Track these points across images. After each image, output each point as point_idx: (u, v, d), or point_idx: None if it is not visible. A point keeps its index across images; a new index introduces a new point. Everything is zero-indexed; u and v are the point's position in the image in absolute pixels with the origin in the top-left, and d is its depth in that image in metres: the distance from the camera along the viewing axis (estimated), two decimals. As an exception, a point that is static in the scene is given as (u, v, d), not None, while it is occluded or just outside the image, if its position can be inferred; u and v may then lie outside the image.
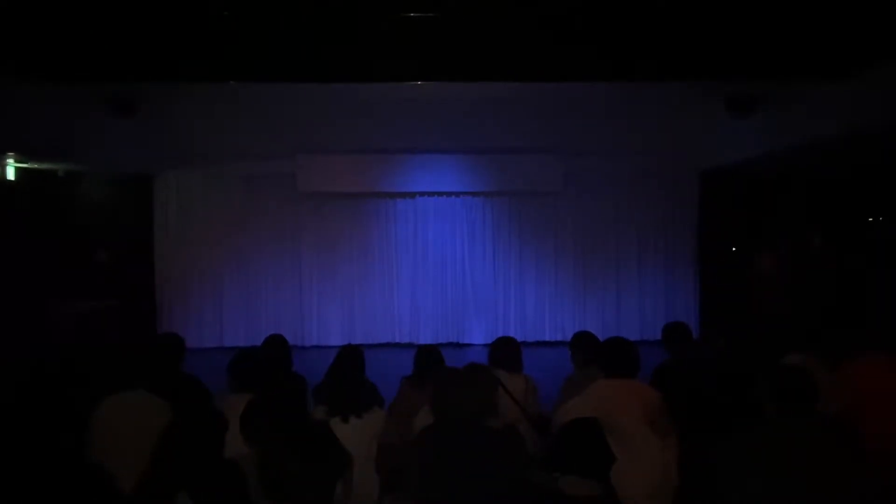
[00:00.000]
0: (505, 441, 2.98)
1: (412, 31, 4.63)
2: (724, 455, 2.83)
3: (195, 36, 4.72)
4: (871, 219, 8.94)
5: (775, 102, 6.36)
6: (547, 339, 10.62)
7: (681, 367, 4.50)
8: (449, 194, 10.48)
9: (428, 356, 4.50)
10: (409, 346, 9.78)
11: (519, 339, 10.07)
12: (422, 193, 10.45)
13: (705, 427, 3.58)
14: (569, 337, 9.51)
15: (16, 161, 8.64)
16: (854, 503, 2.58)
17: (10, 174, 8.76)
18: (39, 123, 6.99)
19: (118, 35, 4.66)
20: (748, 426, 2.93)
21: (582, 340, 4.80)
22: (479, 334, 10.53)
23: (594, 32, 4.81)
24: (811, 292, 9.13)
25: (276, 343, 4.77)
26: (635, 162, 10.13)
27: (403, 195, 10.46)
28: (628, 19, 4.65)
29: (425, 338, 10.22)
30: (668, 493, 3.47)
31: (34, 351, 6.76)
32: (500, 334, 9.77)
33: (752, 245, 10.24)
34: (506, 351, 4.56)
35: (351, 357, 4.20)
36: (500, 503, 2.82)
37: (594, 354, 4.30)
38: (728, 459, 2.81)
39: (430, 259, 10.63)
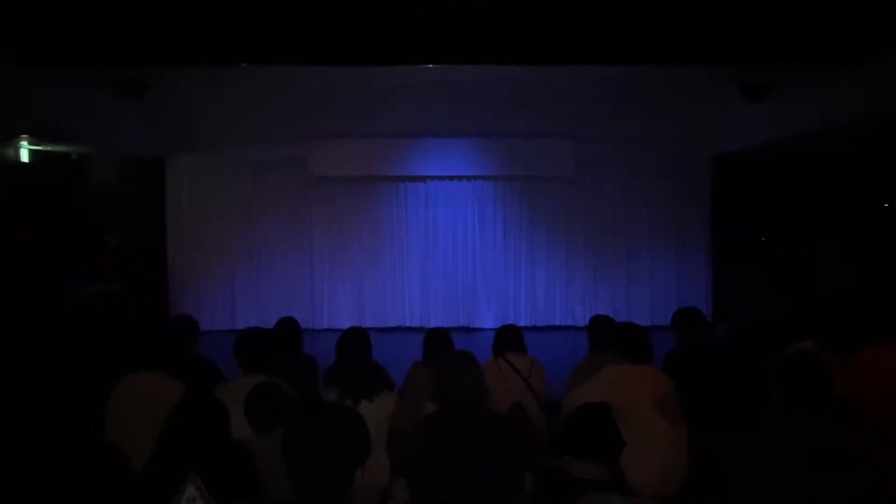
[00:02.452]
0: (511, 424, 2.98)
1: (423, 13, 4.61)
2: (734, 444, 2.82)
3: (206, 19, 4.71)
4: (886, 205, 8.85)
5: (789, 86, 6.29)
6: (557, 323, 10.62)
7: (691, 354, 4.49)
8: (460, 178, 10.45)
9: (437, 340, 4.52)
10: (420, 329, 9.80)
11: (529, 323, 10.28)
12: (433, 177, 10.43)
13: (715, 413, 3.58)
14: (579, 322, 9.57)
15: (29, 144, 8.69)
16: (865, 492, 2.58)
17: (24, 156, 8.81)
18: (52, 107, 7.02)
19: (129, 18, 4.66)
20: (758, 414, 2.92)
21: (599, 324, 4.80)
22: (489, 318, 10.53)
23: (607, 15, 4.76)
24: (825, 279, 9.06)
25: (288, 325, 4.79)
26: (647, 147, 10.07)
27: (414, 179, 10.45)
28: (642, 2, 4.61)
29: (436, 322, 10.21)
30: (677, 479, 3.47)
31: (46, 334, 6.82)
32: (511, 318, 9.99)
33: (765, 231, 10.16)
34: (510, 334, 4.68)
35: (357, 340, 4.22)
36: (507, 487, 2.83)
37: (610, 338, 4.31)
38: (738, 448, 2.80)
39: (441, 243, 10.62)
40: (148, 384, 3.49)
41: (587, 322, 5.02)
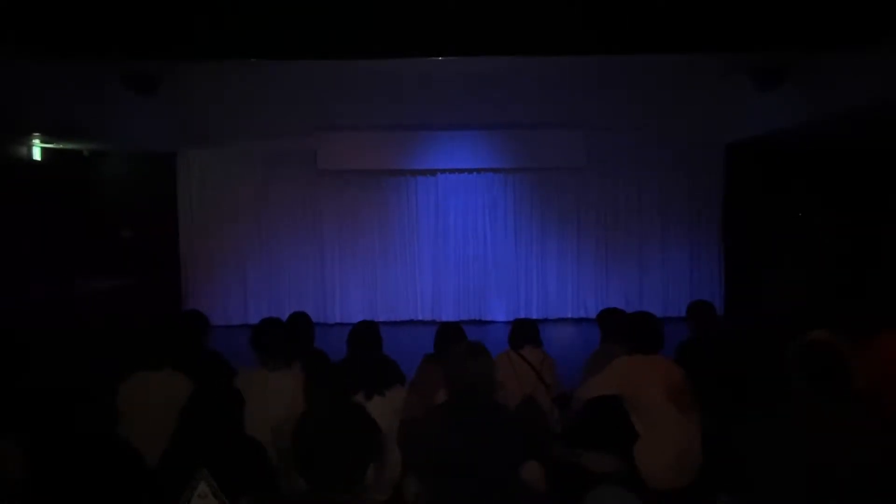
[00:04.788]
0: (522, 416, 2.97)
1: (432, 5, 4.58)
2: (751, 432, 2.80)
3: (216, 13, 4.71)
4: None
5: (802, 73, 6.22)
6: (569, 315, 10.59)
7: (704, 343, 4.47)
8: (470, 171, 10.42)
9: (449, 334, 4.51)
10: (431, 323, 9.80)
11: (541, 315, 10.28)
12: (443, 170, 10.40)
13: (729, 403, 3.56)
14: (591, 314, 9.52)
15: (41, 142, 8.75)
16: (882, 478, 2.55)
17: (37, 154, 8.87)
18: (64, 104, 7.05)
19: (139, 12, 4.67)
20: (774, 403, 2.90)
21: (609, 316, 4.79)
22: (500, 311, 10.52)
23: (616, 4, 4.73)
24: (840, 267, 8.99)
25: (299, 320, 4.79)
26: (659, 136, 9.99)
27: (424, 172, 10.42)
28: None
29: (447, 315, 10.24)
30: (691, 470, 3.46)
31: (60, 328, 6.87)
32: (522, 311, 9.99)
33: (778, 220, 10.08)
34: (527, 328, 4.69)
35: (368, 334, 4.22)
36: (518, 479, 2.83)
37: (621, 329, 4.31)
38: (755, 436, 2.78)
39: (452, 236, 10.60)
40: (158, 380, 3.51)
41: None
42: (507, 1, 4.70)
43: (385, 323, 9.43)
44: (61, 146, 9.10)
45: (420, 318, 10.54)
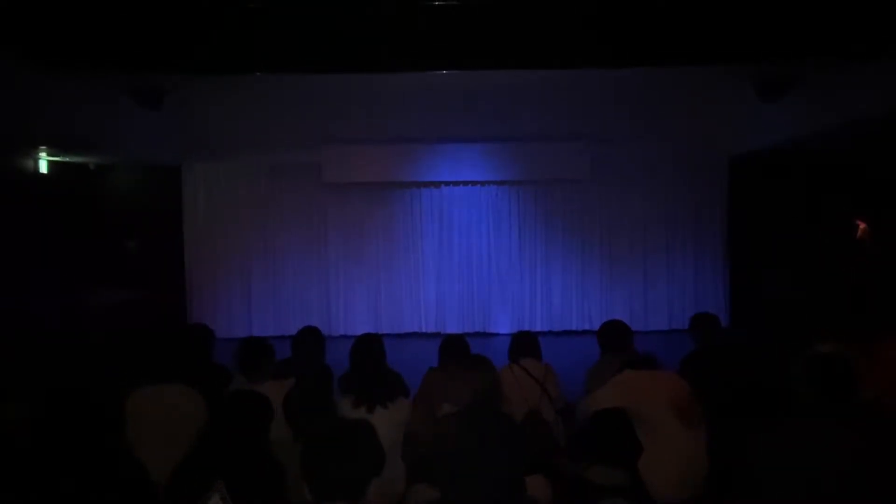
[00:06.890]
0: (527, 429, 2.96)
1: (435, 19, 4.61)
2: (757, 444, 2.79)
3: (222, 27, 4.74)
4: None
5: (806, 84, 6.23)
6: (574, 328, 10.55)
7: (709, 356, 4.46)
8: (475, 183, 10.43)
9: (453, 346, 4.51)
10: (436, 335, 9.79)
11: (545, 328, 10.24)
12: (447, 183, 10.41)
13: (735, 416, 3.55)
14: (596, 326, 9.50)
15: (48, 155, 8.80)
16: (892, 490, 2.54)
17: (43, 168, 8.92)
18: (70, 118, 7.10)
19: (145, 26, 4.70)
20: (780, 415, 2.89)
21: (609, 329, 4.80)
22: (505, 324, 10.49)
23: (620, 17, 4.74)
24: (847, 279, 8.96)
25: (309, 334, 4.78)
26: (663, 148, 9.99)
27: (428, 185, 10.43)
28: (655, 3, 4.58)
29: (451, 327, 10.23)
30: (696, 483, 3.44)
31: (66, 341, 6.89)
32: (527, 323, 9.97)
33: (783, 231, 10.06)
34: (526, 340, 4.69)
35: (371, 347, 4.22)
36: (524, 492, 2.82)
37: (620, 343, 4.32)
38: (761, 448, 2.77)
39: (456, 249, 10.60)
40: (166, 395, 3.50)
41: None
42: (509, 14, 4.72)
43: (389, 335, 9.42)
44: (67, 159, 9.15)
45: (424, 330, 10.52)
